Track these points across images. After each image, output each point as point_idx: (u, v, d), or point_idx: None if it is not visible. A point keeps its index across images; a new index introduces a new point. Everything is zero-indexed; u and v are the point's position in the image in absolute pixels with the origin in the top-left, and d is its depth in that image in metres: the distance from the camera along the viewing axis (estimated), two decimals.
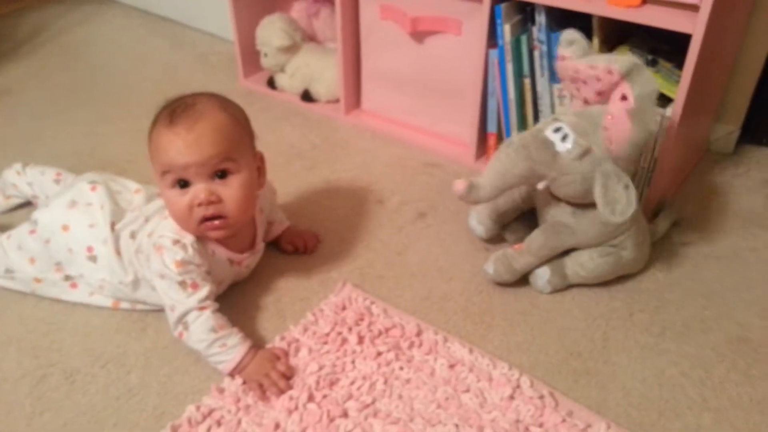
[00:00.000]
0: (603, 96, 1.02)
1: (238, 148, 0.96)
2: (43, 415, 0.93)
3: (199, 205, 0.94)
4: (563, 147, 1.00)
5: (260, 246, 1.11)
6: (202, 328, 0.95)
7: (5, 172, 1.30)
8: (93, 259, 1.05)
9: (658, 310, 1.09)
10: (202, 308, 0.96)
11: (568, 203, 1.07)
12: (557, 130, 1.02)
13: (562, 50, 1.04)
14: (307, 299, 1.11)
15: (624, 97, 0.96)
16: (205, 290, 0.97)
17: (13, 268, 1.09)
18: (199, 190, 0.94)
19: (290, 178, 1.43)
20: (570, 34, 1.05)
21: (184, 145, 0.92)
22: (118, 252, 1.04)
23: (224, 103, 0.98)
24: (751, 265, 1.18)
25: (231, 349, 0.96)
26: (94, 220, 1.06)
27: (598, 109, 1.02)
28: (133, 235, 1.04)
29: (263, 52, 1.72)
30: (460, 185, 1.03)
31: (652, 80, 0.97)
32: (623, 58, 0.97)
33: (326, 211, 1.33)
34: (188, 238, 0.97)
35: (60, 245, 1.06)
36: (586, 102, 1.06)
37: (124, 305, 1.08)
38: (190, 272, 0.96)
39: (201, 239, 0.99)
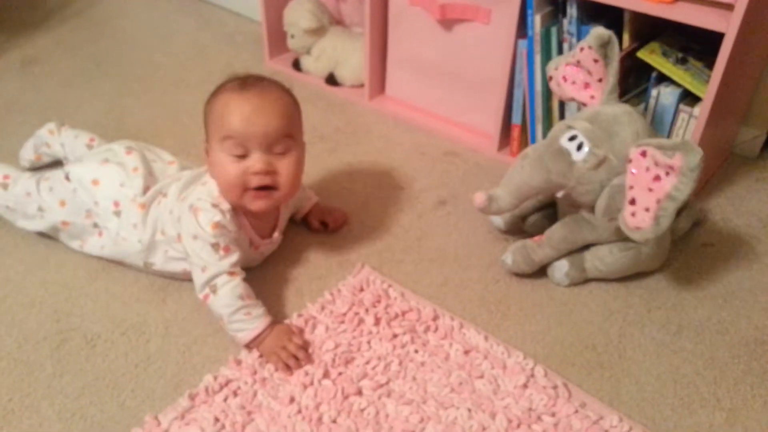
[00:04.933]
0: (590, 76, 1.08)
1: (297, 128, 1.02)
2: (63, 377, 0.94)
3: (256, 173, 0.96)
4: (579, 156, 1.01)
5: (278, 237, 1.12)
6: (230, 294, 0.96)
7: (39, 131, 1.33)
8: (117, 213, 1.07)
9: (676, 309, 1.09)
10: (232, 273, 0.97)
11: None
12: (572, 138, 1.02)
13: (549, 73, 1.12)
14: (325, 279, 1.12)
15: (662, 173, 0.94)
16: (235, 255, 0.98)
17: (44, 207, 1.12)
18: (257, 159, 0.97)
19: (312, 159, 1.42)
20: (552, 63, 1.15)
21: (252, 112, 0.96)
22: (145, 208, 1.05)
23: (286, 87, 1.03)
24: None
25: (255, 318, 0.97)
26: (125, 180, 1.08)
27: (611, 112, 1.03)
28: (164, 195, 1.06)
29: (290, 33, 1.72)
30: (479, 198, 1.05)
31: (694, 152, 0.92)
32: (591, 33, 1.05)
33: (347, 194, 1.33)
34: (225, 205, 0.99)
35: (87, 197, 1.08)
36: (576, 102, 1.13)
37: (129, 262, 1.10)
38: (223, 235, 0.97)
39: (235, 211, 1.00)
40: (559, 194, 1.05)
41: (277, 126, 0.96)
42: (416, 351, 0.99)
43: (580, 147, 1.00)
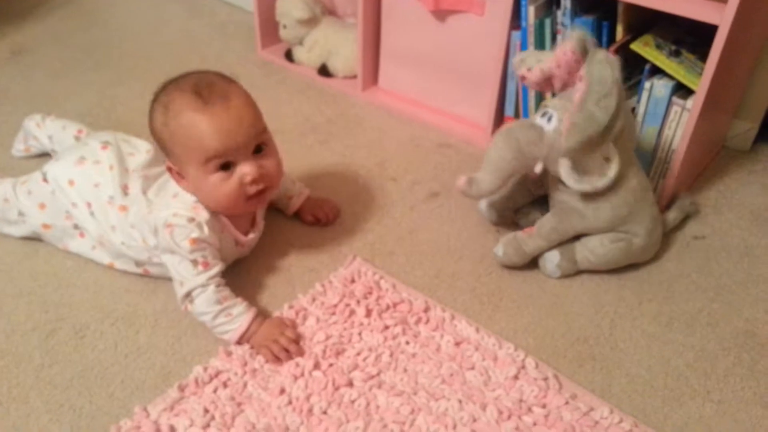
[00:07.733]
0: (572, 76, 1.04)
1: (262, 118, 0.98)
2: (51, 368, 0.94)
3: (252, 183, 0.94)
4: (549, 127, 1.03)
5: (260, 224, 1.11)
6: (206, 302, 0.95)
7: (27, 122, 1.32)
8: (92, 214, 1.05)
9: (667, 301, 1.09)
10: (206, 285, 0.95)
11: None
12: (544, 114, 1.04)
13: (521, 72, 1.07)
14: (316, 271, 1.12)
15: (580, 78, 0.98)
16: (215, 269, 0.97)
17: (24, 212, 1.10)
18: (247, 169, 0.93)
19: (304, 150, 1.43)
20: (519, 55, 1.09)
21: (228, 126, 0.91)
22: (125, 210, 1.03)
23: (231, 78, 0.98)
24: (762, 262, 1.17)
25: (236, 318, 0.96)
26: (101, 179, 1.05)
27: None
28: (147, 202, 1.03)
29: (282, 23, 1.71)
30: (460, 181, 1.07)
31: (606, 63, 0.96)
32: (571, 35, 1.01)
33: (339, 186, 1.33)
34: (203, 216, 0.96)
35: (65, 198, 1.06)
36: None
37: (119, 266, 1.08)
38: (202, 250, 0.95)
39: (216, 216, 0.99)
40: (537, 168, 1.05)
41: (254, 129, 0.94)
42: (407, 342, 0.98)
43: (550, 119, 1.03)
